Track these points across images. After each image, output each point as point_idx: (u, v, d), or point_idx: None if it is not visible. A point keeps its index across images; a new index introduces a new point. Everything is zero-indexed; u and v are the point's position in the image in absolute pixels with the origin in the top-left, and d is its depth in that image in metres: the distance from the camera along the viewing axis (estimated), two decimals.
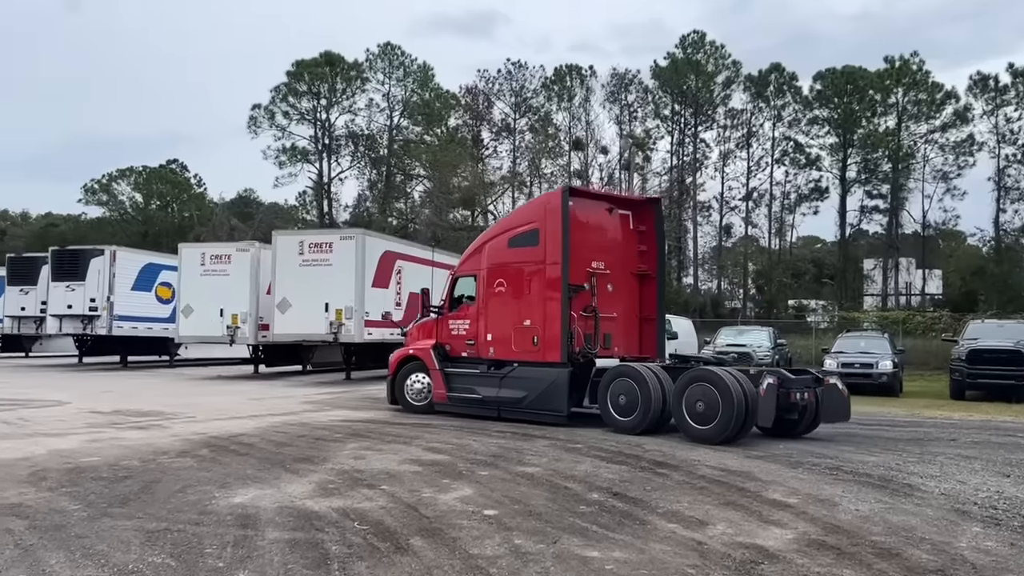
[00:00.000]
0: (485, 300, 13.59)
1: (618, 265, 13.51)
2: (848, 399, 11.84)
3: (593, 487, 7.68)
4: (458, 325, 14.06)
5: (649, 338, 13.83)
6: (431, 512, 6.59)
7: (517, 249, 13.22)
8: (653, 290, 13.84)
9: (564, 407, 12.34)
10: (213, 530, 5.93)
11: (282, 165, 57.92)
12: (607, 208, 13.85)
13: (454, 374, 13.87)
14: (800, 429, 11.64)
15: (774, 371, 11.57)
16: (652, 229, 13.93)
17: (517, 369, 12.98)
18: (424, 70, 58.13)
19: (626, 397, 11.68)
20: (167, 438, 10.96)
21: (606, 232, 13.63)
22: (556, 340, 12.46)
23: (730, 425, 10.60)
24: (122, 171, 75.68)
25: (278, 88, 56.79)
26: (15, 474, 8.12)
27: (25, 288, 28.70)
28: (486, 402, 13.30)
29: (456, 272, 14.69)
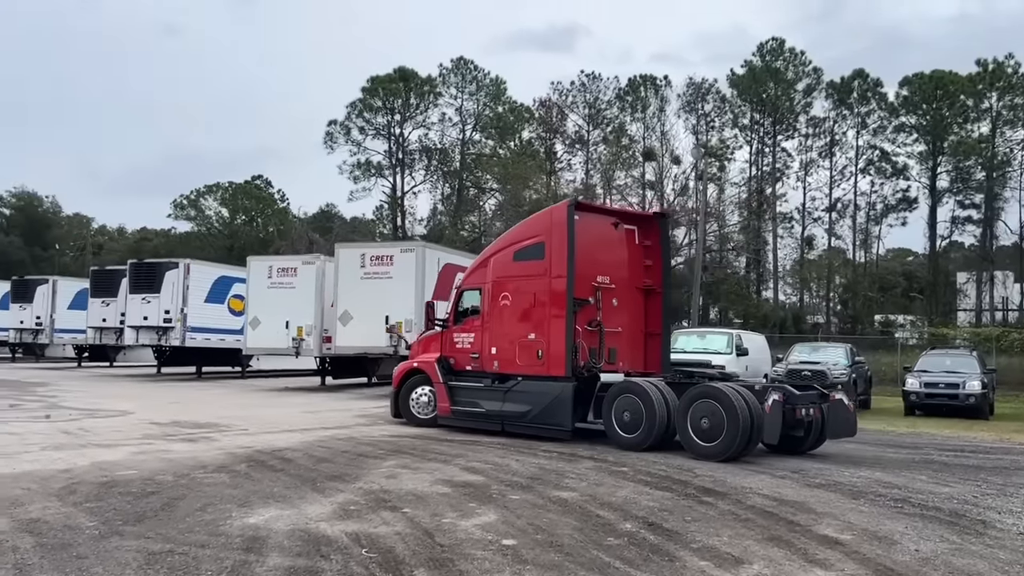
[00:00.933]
0: (490, 313, 13.47)
1: (623, 280, 13.48)
2: (855, 415, 11.67)
3: (628, 516, 7.19)
4: (463, 338, 13.95)
5: (654, 353, 13.71)
6: (446, 540, 6.22)
7: (522, 263, 13.08)
8: (658, 305, 13.78)
9: (568, 422, 12.17)
10: (216, 553, 5.71)
11: (356, 180, 58.95)
12: (613, 223, 13.74)
13: (458, 387, 13.74)
14: (806, 446, 11.53)
15: (779, 387, 11.28)
16: (657, 244, 13.90)
17: (521, 383, 12.85)
18: (496, 84, 58.31)
19: (630, 413, 11.50)
20: (212, 451, 10.92)
21: (611, 247, 13.52)
22: (561, 354, 12.31)
23: (735, 442, 10.43)
24: (209, 187, 78.52)
25: (354, 104, 57.92)
26: (49, 487, 8.12)
27: (107, 300, 29.73)
28: (490, 416, 13.15)
29: (461, 285, 14.55)
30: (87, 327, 31.33)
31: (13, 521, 6.57)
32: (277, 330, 22.58)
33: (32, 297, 35.41)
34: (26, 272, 42.68)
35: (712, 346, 21.24)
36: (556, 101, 58.28)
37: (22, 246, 75.64)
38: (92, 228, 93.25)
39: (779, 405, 10.62)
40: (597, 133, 57.28)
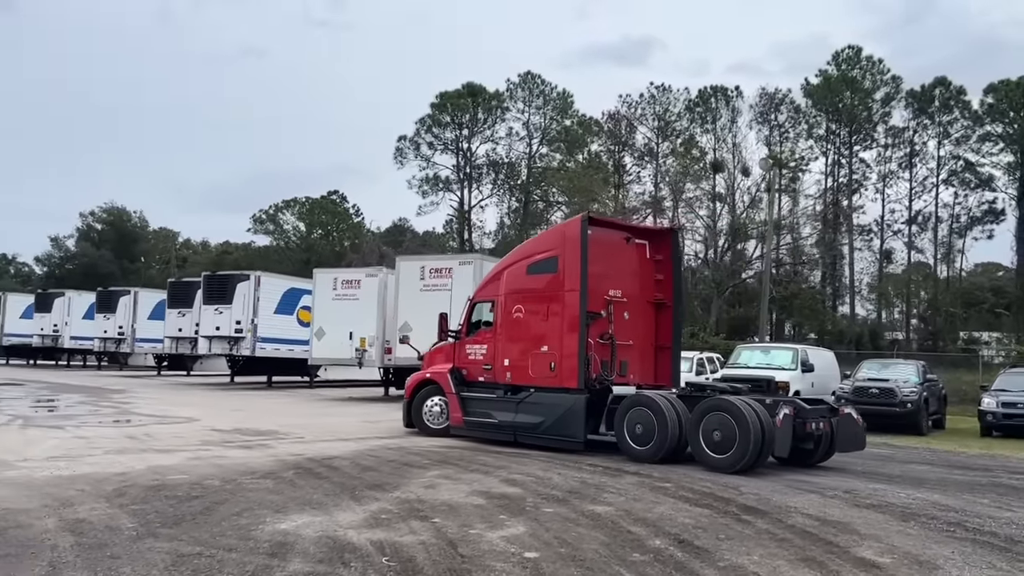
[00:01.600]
0: (503, 325, 13.65)
1: (635, 293, 13.61)
2: (864, 429, 11.87)
3: (660, 532, 7.05)
4: (475, 350, 14.13)
5: (664, 366, 13.84)
6: (469, 551, 6.22)
7: (536, 276, 13.30)
8: (669, 319, 13.88)
9: (581, 434, 12.28)
10: (241, 557, 5.84)
11: (425, 194, 59.80)
12: (625, 237, 13.89)
13: (470, 398, 13.90)
14: (815, 459, 11.71)
15: (790, 401, 11.49)
16: (669, 258, 14.00)
17: (534, 394, 12.98)
18: (563, 97, 58.43)
19: (643, 426, 11.60)
20: (264, 458, 11.18)
21: (623, 261, 13.64)
22: (573, 366, 12.46)
23: (747, 454, 10.56)
24: (287, 202, 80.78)
25: (423, 120, 58.85)
26: (102, 489, 8.44)
27: (183, 311, 30.82)
28: (502, 427, 13.27)
29: (474, 298, 14.65)
30: (164, 336, 32.54)
31: (60, 520, 6.86)
32: (341, 341, 23.02)
33: (115, 308, 36.98)
34: (115, 284, 44.63)
35: (776, 362, 20.74)
36: (625, 114, 58.07)
37: (112, 259, 79.09)
38: (178, 242, 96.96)
39: (790, 419, 10.78)
40: (666, 145, 56.75)
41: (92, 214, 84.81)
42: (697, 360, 23.45)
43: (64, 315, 40.07)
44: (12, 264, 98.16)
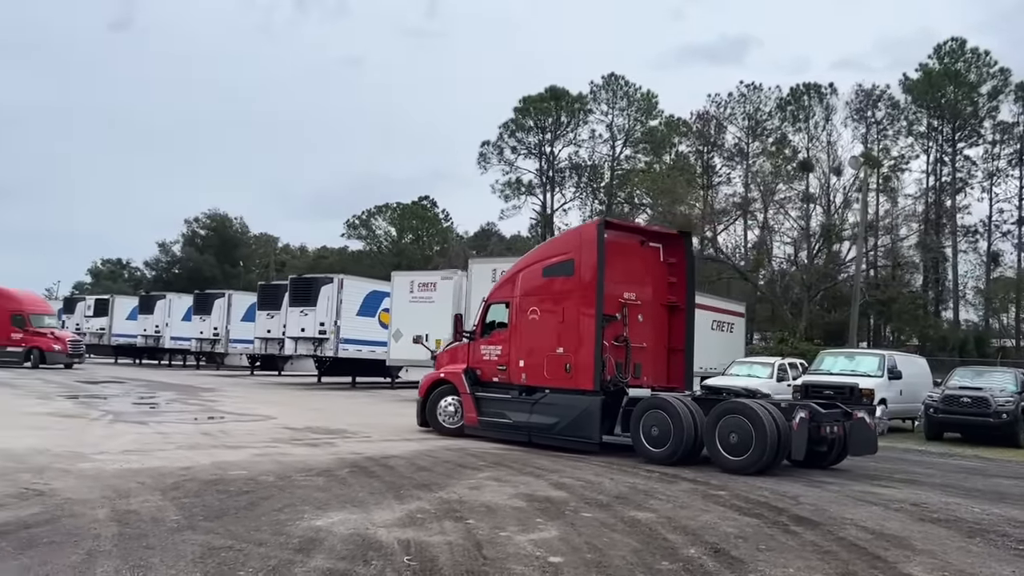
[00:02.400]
0: (518, 327, 13.78)
1: (648, 296, 13.71)
2: (875, 433, 12.14)
3: (698, 541, 6.84)
4: (490, 350, 14.26)
5: (677, 368, 13.92)
6: (493, 553, 6.18)
7: (551, 278, 13.45)
8: (682, 321, 13.95)
9: (596, 435, 12.38)
10: (267, 551, 5.96)
11: (507, 198, 60.08)
12: (639, 240, 14.10)
13: (485, 398, 14.04)
14: (828, 462, 11.83)
15: (805, 405, 11.56)
16: (682, 261, 14.09)
17: (549, 395, 13.09)
18: (647, 98, 57.68)
19: (659, 428, 11.68)
20: (325, 456, 11.42)
21: (638, 264, 13.80)
22: (589, 368, 12.56)
23: (763, 456, 10.70)
24: (379, 208, 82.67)
25: (506, 124, 59.17)
26: (162, 482, 8.77)
27: (271, 312, 31.84)
28: (517, 427, 13.41)
29: (489, 299, 14.78)
30: (254, 337, 33.71)
31: (112, 511, 7.16)
32: None
33: (211, 310, 38.55)
34: (217, 287, 46.55)
35: (861, 368, 19.91)
36: (714, 114, 56.94)
37: (215, 263, 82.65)
38: (277, 247, 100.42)
39: (805, 422, 10.90)
40: (756, 145, 55.33)
41: (197, 220, 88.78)
42: (778, 366, 22.77)
43: (165, 317, 42.05)
44: (126, 268, 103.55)
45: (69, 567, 5.35)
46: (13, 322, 34.12)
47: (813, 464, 11.55)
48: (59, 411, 16.96)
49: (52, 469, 9.32)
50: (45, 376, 29.37)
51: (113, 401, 20.17)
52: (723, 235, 53.07)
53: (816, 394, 19.29)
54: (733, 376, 22.46)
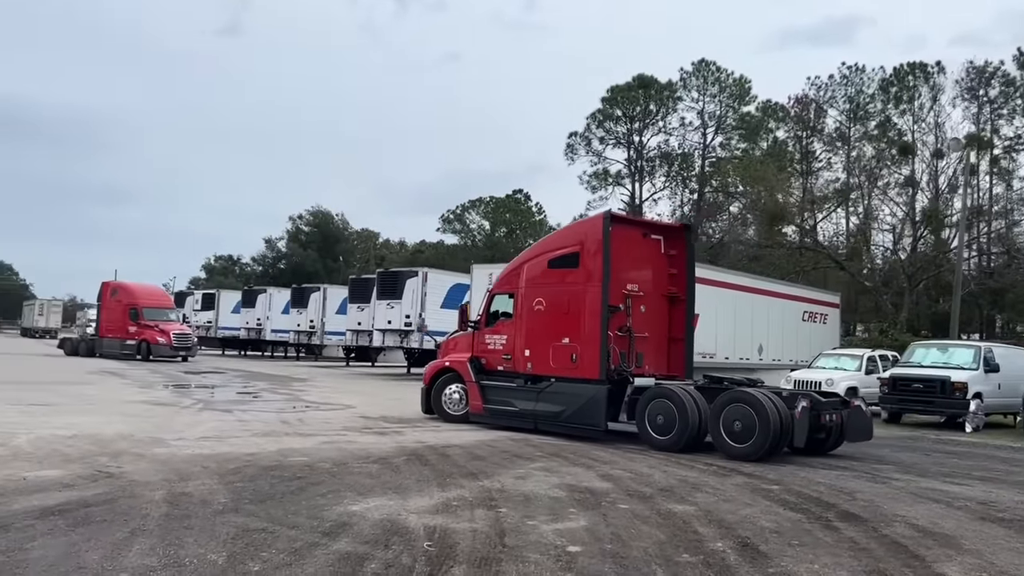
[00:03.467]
0: (523, 317, 14.12)
1: (650, 288, 14.06)
2: (871, 420, 12.61)
3: (729, 535, 6.73)
4: (495, 340, 14.63)
5: (677, 357, 14.27)
6: (514, 541, 6.26)
7: (557, 270, 13.78)
8: (682, 312, 14.31)
9: (602, 422, 12.75)
10: (297, 534, 6.22)
11: (594, 189, 59.55)
12: (642, 233, 14.47)
13: (490, 387, 14.42)
14: (826, 448, 12.26)
15: (807, 394, 12.11)
16: (683, 253, 14.43)
17: (555, 384, 13.44)
18: (740, 84, 56.03)
19: (664, 417, 12.08)
20: (388, 444, 11.74)
21: (640, 256, 14.12)
22: (595, 358, 12.90)
23: (766, 444, 11.06)
24: (473, 202, 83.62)
25: (593, 115, 58.61)
26: (224, 467, 9.23)
27: (361, 305, 32.75)
28: (523, 415, 13.76)
29: (493, 289, 15.19)
30: (346, 329, 34.76)
31: (168, 493, 7.60)
32: None
33: (307, 303, 40.00)
34: (319, 282, 48.13)
35: (955, 360, 18.95)
36: (813, 97, 54.82)
37: (317, 259, 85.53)
38: (377, 242, 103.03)
39: (807, 411, 11.27)
40: (858, 129, 52.96)
41: (300, 217, 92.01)
42: (867, 358, 21.91)
43: (265, 310, 43.86)
44: (237, 264, 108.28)
45: (110, 544, 5.74)
46: (129, 316, 36.11)
47: (811, 451, 11.87)
48: (155, 400, 17.99)
49: (129, 453, 9.94)
50: (155, 367, 31.17)
51: (206, 391, 21.24)
52: (823, 223, 51.28)
53: (904, 387, 18.56)
54: (818, 369, 21.74)
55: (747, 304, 25.15)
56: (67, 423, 12.69)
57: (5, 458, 9.23)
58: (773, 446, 11.17)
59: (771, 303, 26.61)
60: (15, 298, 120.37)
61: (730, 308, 24.26)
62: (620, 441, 12.84)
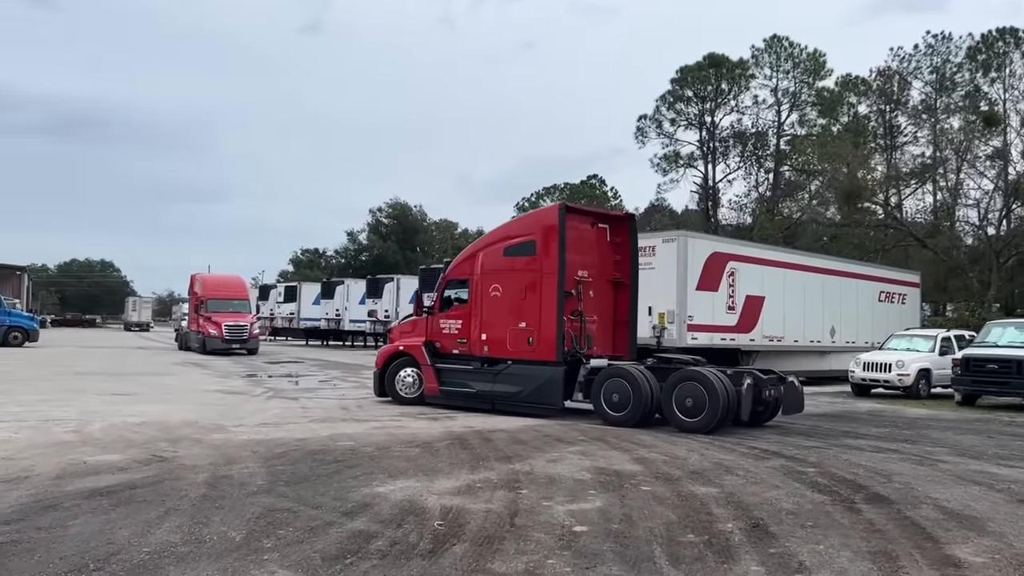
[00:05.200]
0: (480, 303, 14.74)
1: (597, 273, 14.80)
2: (803, 395, 13.70)
3: (743, 516, 6.74)
4: (450, 324, 15.23)
5: (622, 339, 15.10)
6: (524, 521, 6.43)
7: (513, 258, 14.50)
8: (627, 296, 15.14)
9: (559, 401, 13.66)
10: (318, 514, 6.53)
11: (664, 171, 58.74)
12: (591, 222, 15.13)
13: (446, 369, 15.04)
14: (763, 419, 13.24)
15: (750, 372, 13.00)
16: (627, 241, 15.25)
17: (512, 366, 14.18)
18: (814, 58, 54.23)
19: (619, 395, 12.88)
20: (436, 429, 12.06)
21: (589, 244, 14.81)
22: (552, 341, 13.71)
23: (716, 418, 11.98)
24: (547, 189, 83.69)
25: (663, 96, 57.78)
26: (271, 451, 9.68)
27: (431, 295, 33.20)
28: (480, 396, 14.47)
29: (447, 275, 15.91)
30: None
31: (210, 476, 8.06)
32: None
33: (381, 293, 40.92)
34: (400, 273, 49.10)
35: None
36: (897, 69, 52.72)
37: (397, 250, 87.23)
38: (455, 232, 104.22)
39: (751, 387, 12.32)
40: (944, 100, 50.65)
41: (380, 210, 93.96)
42: (941, 339, 21.14)
43: (344, 301, 45.05)
44: (322, 257, 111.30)
45: (143, 522, 6.18)
46: (197, 308, 36.72)
47: (751, 423, 12.76)
48: (229, 388, 18.84)
49: (188, 439, 10.52)
50: (238, 358, 32.52)
51: (279, 380, 22.07)
52: (908, 200, 49.34)
53: (978, 368, 17.90)
54: (889, 351, 21.09)
55: (817, 285, 24.58)
56: (140, 411, 13.47)
57: (74, 444, 9.93)
58: (721, 420, 12.07)
59: (843, 284, 25.92)
60: (117, 294, 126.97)
61: (799, 289, 23.78)
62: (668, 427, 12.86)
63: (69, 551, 5.37)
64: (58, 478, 7.77)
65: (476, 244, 15.89)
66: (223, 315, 35.17)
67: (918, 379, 19.82)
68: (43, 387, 17.62)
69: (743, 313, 21.28)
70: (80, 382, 19.26)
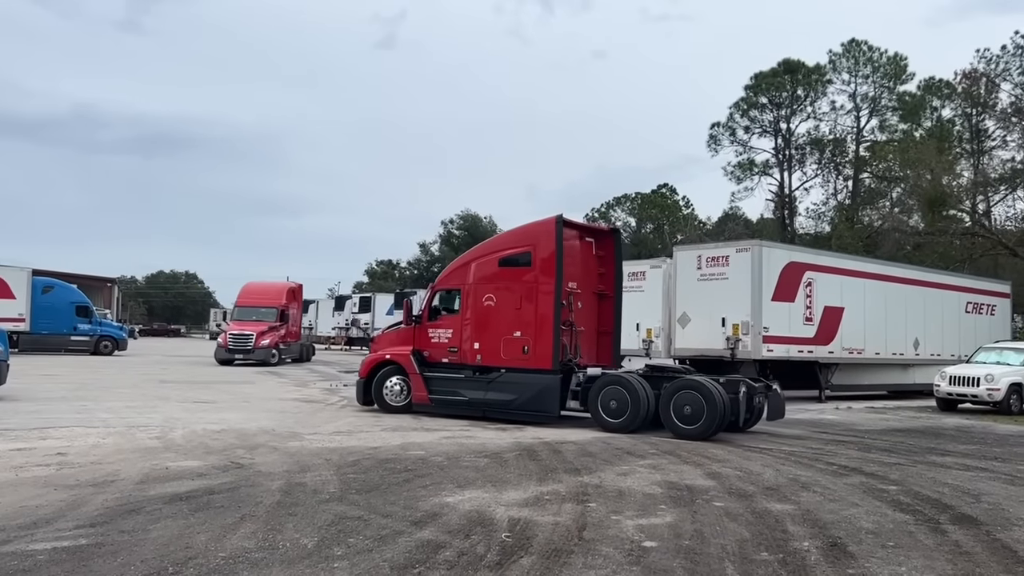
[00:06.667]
0: (472, 312, 14.97)
1: (584, 285, 15.19)
2: (784, 402, 14.04)
3: (820, 535, 6.53)
4: (439, 333, 15.43)
5: (606, 348, 15.63)
6: (592, 535, 6.36)
7: (508, 269, 14.75)
8: (610, 308, 15.65)
9: (556, 409, 13.94)
10: (387, 523, 6.59)
11: (739, 180, 57.61)
12: (579, 236, 15.45)
13: (435, 378, 15.23)
14: (749, 425, 13.67)
15: (743, 380, 13.33)
16: (611, 255, 15.75)
17: (505, 375, 14.46)
18: (895, 62, 52.47)
19: (616, 402, 13.29)
20: (505, 440, 12.07)
21: (577, 257, 15.13)
22: (548, 351, 14.02)
23: (713, 425, 12.45)
24: (617, 199, 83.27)
25: (737, 104, 56.78)
26: (344, 459, 9.84)
27: None
28: (472, 403, 14.73)
29: (436, 285, 16.06)
30: None
31: (285, 483, 8.22)
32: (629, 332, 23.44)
33: None
34: None
35: None
36: (984, 71, 50.62)
37: None
38: None
39: (746, 395, 12.92)
40: None
41: (451, 221, 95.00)
42: None
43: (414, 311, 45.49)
44: (396, 268, 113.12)
45: (220, 527, 6.34)
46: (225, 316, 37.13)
47: (730, 428, 13.16)
48: (305, 397, 19.26)
49: (264, 447, 10.77)
50: (312, 367, 33.22)
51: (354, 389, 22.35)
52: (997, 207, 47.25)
53: None
54: (977, 364, 20.19)
55: (899, 296, 23.78)
56: (220, 419, 13.88)
57: (157, 450, 10.28)
58: (718, 427, 12.53)
59: (928, 294, 25.01)
60: (201, 305, 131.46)
61: (880, 300, 23.06)
62: (743, 440, 12.57)
63: (150, 554, 5.55)
64: (141, 483, 8.05)
65: (467, 255, 16.08)
66: (240, 323, 33.99)
67: (1009, 394, 18.91)
68: (130, 394, 18.32)
69: (821, 324, 20.74)
70: (164, 390, 19.96)
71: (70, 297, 38.76)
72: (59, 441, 10.74)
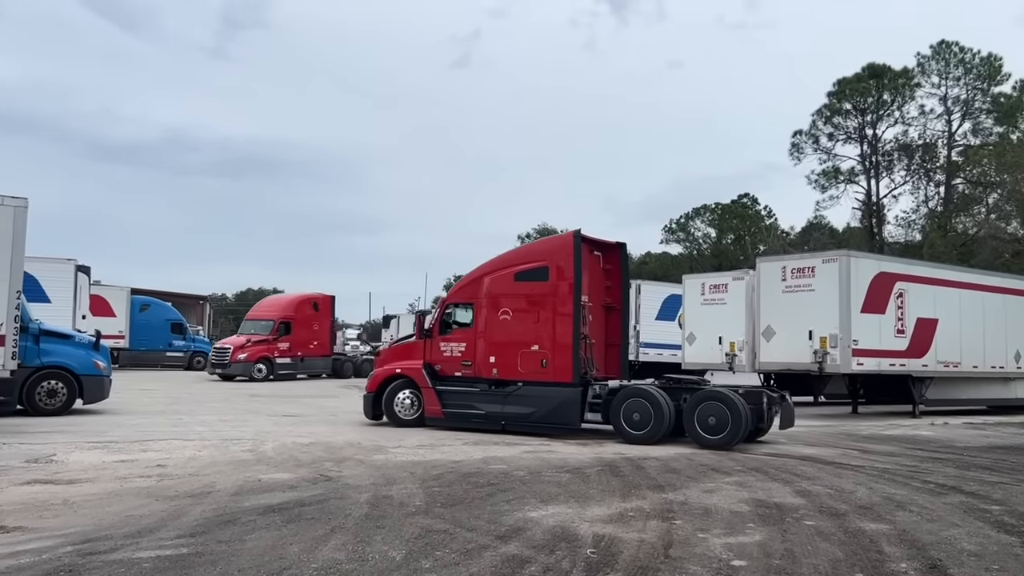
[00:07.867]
0: (487, 326, 15.10)
1: (594, 299, 15.34)
2: (794, 411, 14.56)
3: (919, 556, 6.29)
4: (451, 347, 15.53)
5: (613, 360, 15.83)
6: (679, 553, 6.28)
7: (525, 283, 14.93)
8: (617, 320, 15.96)
9: (576, 420, 14.28)
10: (472, 536, 6.65)
11: (823, 188, 55.98)
12: (589, 250, 15.54)
13: (449, 391, 15.33)
14: (761, 434, 14.12)
15: (764, 391, 14.04)
16: (617, 268, 16.07)
17: (523, 388, 14.67)
18: (989, 62, 50.26)
19: (640, 414, 13.58)
20: (586, 455, 12.04)
21: (588, 271, 15.19)
22: (568, 364, 14.30)
23: (737, 434, 12.90)
24: (697, 210, 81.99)
25: (819, 111, 55.28)
26: (428, 472, 9.99)
27: None
28: (490, 417, 14.87)
29: (448, 300, 16.24)
30: None
31: (372, 496, 8.38)
32: (711, 345, 23.14)
33: None
34: None
35: None
36: None
37: None
38: None
39: (769, 405, 13.63)
40: None
41: (528, 236, 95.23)
42: None
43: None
44: None
45: (311, 538, 6.51)
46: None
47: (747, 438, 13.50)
48: None
49: (351, 460, 11.02)
50: None
51: None
52: None
53: None
54: None
55: (998, 306, 22.75)
56: (308, 432, 14.27)
57: (250, 462, 10.63)
58: (743, 436, 12.99)
59: None
60: None
61: (977, 311, 22.11)
62: (833, 457, 12.21)
63: (246, 564, 5.74)
64: (236, 494, 8.33)
65: (480, 269, 16.00)
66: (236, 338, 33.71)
67: None
68: (222, 408, 19.01)
69: (914, 337, 20.02)
70: (254, 404, 20.63)
71: (165, 315, 40.50)
72: (158, 453, 11.22)
